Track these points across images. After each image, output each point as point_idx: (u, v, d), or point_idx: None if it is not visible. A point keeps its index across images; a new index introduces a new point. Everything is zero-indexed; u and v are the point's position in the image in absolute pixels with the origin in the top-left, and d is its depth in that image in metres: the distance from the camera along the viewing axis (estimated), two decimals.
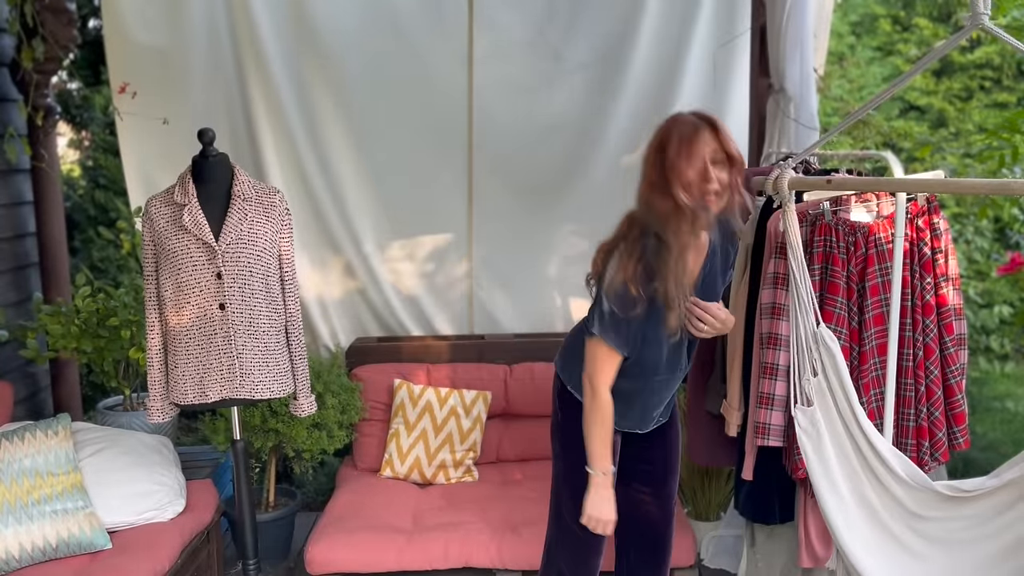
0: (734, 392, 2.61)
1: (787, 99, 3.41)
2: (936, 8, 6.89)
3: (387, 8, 3.78)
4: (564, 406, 2.36)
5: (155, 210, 2.55)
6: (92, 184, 5.57)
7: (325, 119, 3.84)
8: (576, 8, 3.83)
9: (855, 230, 2.30)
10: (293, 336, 2.68)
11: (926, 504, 1.90)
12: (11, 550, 2.50)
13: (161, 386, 2.60)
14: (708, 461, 3.03)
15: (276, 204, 2.61)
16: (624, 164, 3.98)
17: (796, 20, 3.35)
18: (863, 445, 1.96)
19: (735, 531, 3.24)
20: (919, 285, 2.33)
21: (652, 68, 3.89)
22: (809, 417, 2.02)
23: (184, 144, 3.71)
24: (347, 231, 3.93)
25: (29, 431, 2.70)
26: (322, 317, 3.99)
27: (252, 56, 3.72)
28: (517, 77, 3.85)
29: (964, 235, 6.28)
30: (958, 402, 2.39)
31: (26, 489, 2.59)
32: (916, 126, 6.54)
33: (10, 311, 3.64)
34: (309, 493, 4.09)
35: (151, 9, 3.66)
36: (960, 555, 1.86)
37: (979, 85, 6.72)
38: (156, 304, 2.58)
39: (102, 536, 2.64)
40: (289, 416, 3.28)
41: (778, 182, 2.09)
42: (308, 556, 2.96)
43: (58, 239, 3.77)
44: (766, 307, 2.37)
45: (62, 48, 3.50)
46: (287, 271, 2.65)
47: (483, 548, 2.94)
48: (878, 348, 2.29)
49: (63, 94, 5.35)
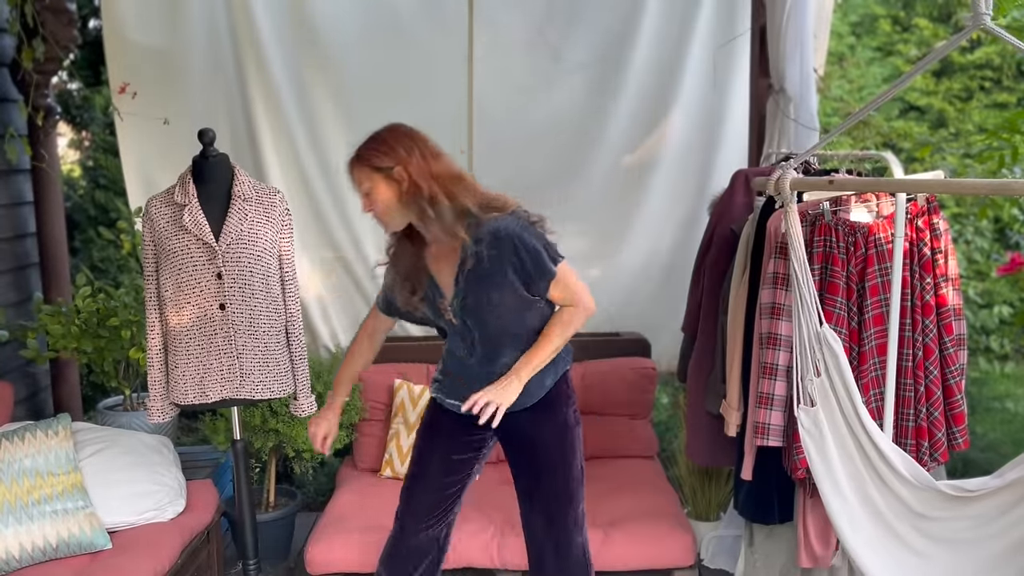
0: (733, 392, 2.61)
1: (787, 99, 3.41)
2: (936, 8, 6.89)
3: (387, 8, 3.78)
4: (563, 404, 2.37)
5: (155, 210, 2.55)
6: (92, 184, 5.57)
7: (325, 119, 3.84)
8: (576, 8, 3.83)
9: (855, 230, 2.30)
10: (293, 336, 2.68)
11: (930, 504, 1.90)
12: (11, 550, 2.51)
13: (161, 386, 2.60)
14: (708, 461, 3.03)
15: (276, 204, 2.61)
16: (624, 164, 3.99)
17: (796, 20, 3.35)
18: (867, 445, 1.96)
19: (735, 531, 3.24)
20: (919, 285, 2.33)
21: (652, 68, 3.89)
22: (812, 418, 2.02)
23: (184, 144, 3.70)
24: (347, 231, 3.93)
25: (29, 431, 2.71)
26: (322, 317, 3.99)
27: (252, 56, 3.72)
28: (517, 77, 3.85)
29: (964, 235, 6.28)
30: (958, 402, 2.39)
31: (26, 489, 2.59)
32: (916, 126, 6.53)
33: (10, 311, 3.64)
34: (309, 493, 4.09)
35: (151, 9, 3.67)
36: (964, 554, 1.87)
37: (979, 85, 6.72)
38: (156, 304, 2.58)
39: (102, 536, 2.64)
40: (289, 416, 3.28)
41: (780, 183, 2.10)
42: (308, 556, 2.96)
43: (58, 239, 3.77)
44: (766, 307, 2.37)
45: (62, 48, 3.50)
46: (287, 271, 2.65)
47: (483, 548, 2.94)
48: (878, 348, 2.30)
49: (63, 94, 5.35)
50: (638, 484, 3.40)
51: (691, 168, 3.98)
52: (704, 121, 3.97)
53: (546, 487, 2.37)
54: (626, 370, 3.74)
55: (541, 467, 2.37)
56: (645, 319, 4.05)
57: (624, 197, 4.01)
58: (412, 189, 2.15)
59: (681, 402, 3.78)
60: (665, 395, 4.95)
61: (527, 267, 2.17)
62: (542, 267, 2.19)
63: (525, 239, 2.16)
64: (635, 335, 3.96)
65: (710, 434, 2.88)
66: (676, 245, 4.01)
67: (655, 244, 4.04)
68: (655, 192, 4.00)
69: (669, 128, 3.95)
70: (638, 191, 3.99)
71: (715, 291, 2.86)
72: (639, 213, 4.01)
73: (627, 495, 3.29)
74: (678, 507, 3.24)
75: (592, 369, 3.74)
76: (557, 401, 2.35)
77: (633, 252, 4.04)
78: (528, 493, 2.41)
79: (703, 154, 3.98)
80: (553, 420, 2.35)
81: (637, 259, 4.05)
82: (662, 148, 3.97)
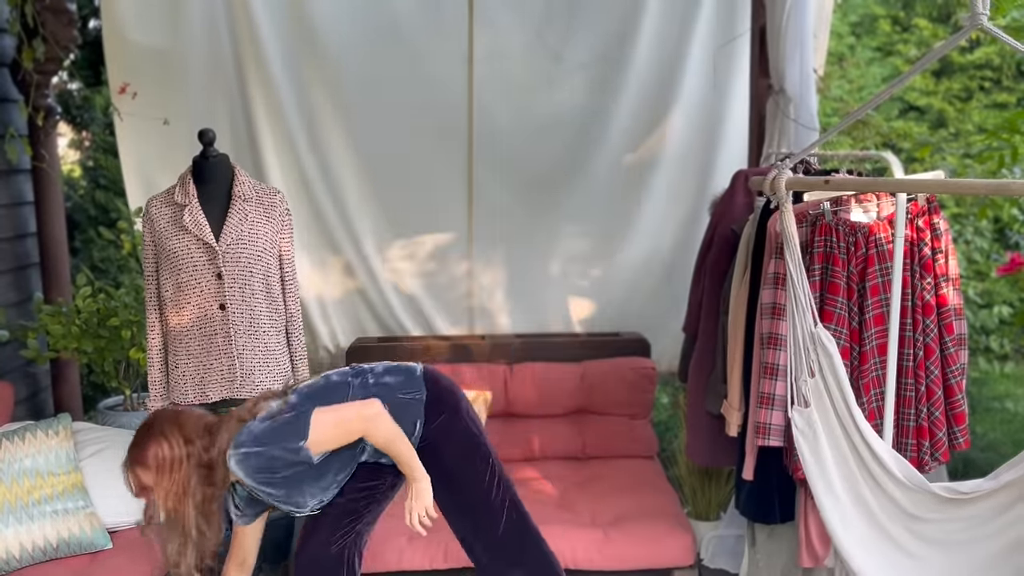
0: (734, 392, 2.61)
1: (787, 99, 3.41)
2: (936, 8, 6.89)
3: (387, 8, 3.78)
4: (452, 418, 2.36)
5: (155, 210, 2.55)
6: (92, 184, 5.57)
7: (325, 119, 3.84)
8: (576, 8, 3.83)
9: (855, 230, 2.30)
10: (293, 336, 2.68)
11: (923, 506, 1.90)
12: (11, 550, 2.51)
13: (161, 386, 2.60)
14: (708, 461, 3.03)
15: (276, 204, 2.61)
16: (624, 164, 3.99)
17: (796, 20, 3.35)
18: (860, 447, 1.95)
19: (735, 531, 3.24)
20: (919, 285, 2.33)
21: (652, 68, 3.89)
22: (806, 418, 2.02)
23: (183, 145, 3.71)
24: (347, 231, 3.93)
25: (30, 431, 2.71)
26: (322, 317, 3.99)
27: (252, 56, 3.72)
28: (517, 77, 3.86)
29: (964, 235, 6.28)
30: (958, 402, 2.39)
31: (27, 489, 2.60)
32: (916, 126, 6.54)
33: (11, 311, 3.64)
34: None
35: (151, 9, 3.67)
36: (957, 557, 1.86)
37: (979, 85, 6.72)
38: (156, 304, 2.58)
39: (102, 536, 2.64)
40: None
41: (775, 182, 2.09)
42: None
43: (59, 239, 3.77)
44: (766, 307, 2.37)
45: (62, 48, 3.50)
46: (287, 271, 2.65)
47: None
48: (878, 348, 2.30)
49: (63, 94, 5.34)
50: (638, 484, 3.40)
51: (691, 168, 3.99)
52: (704, 121, 3.97)
53: (462, 499, 2.36)
54: (626, 370, 3.74)
55: (451, 480, 2.34)
56: (645, 319, 4.06)
57: (624, 197, 4.01)
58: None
59: (681, 402, 3.78)
60: (665, 395, 4.95)
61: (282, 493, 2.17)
62: (299, 464, 2.13)
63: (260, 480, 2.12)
64: (635, 335, 3.96)
65: (710, 434, 2.88)
66: (676, 245, 4.01)
67: (655, 244, 4.04)
68: (655, 192, 4.00)
69: (669, 128, 3.95)
70: (638, 191, 4.00)
71: (716, 291, 2.86)
72: (639, 213, 4.01)
73: (627, 495, 3.29)
74: (678, 507, 3.24)
75: (592, 369, 3.75)
76: (444, 425, 2.33)
77: (633, 252, 4.05)
78: (450, 511, 2.39)
79: (703, 154, 3.98)
80: (452, 439, 2.33)
81: (637, 259, 4.05)
82: (662, 148, 3.97)
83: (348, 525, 2.29)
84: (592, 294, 4.09)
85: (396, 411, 2.23)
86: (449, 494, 2.34)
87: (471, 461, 2.34)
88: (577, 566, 2.96)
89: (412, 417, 2.28)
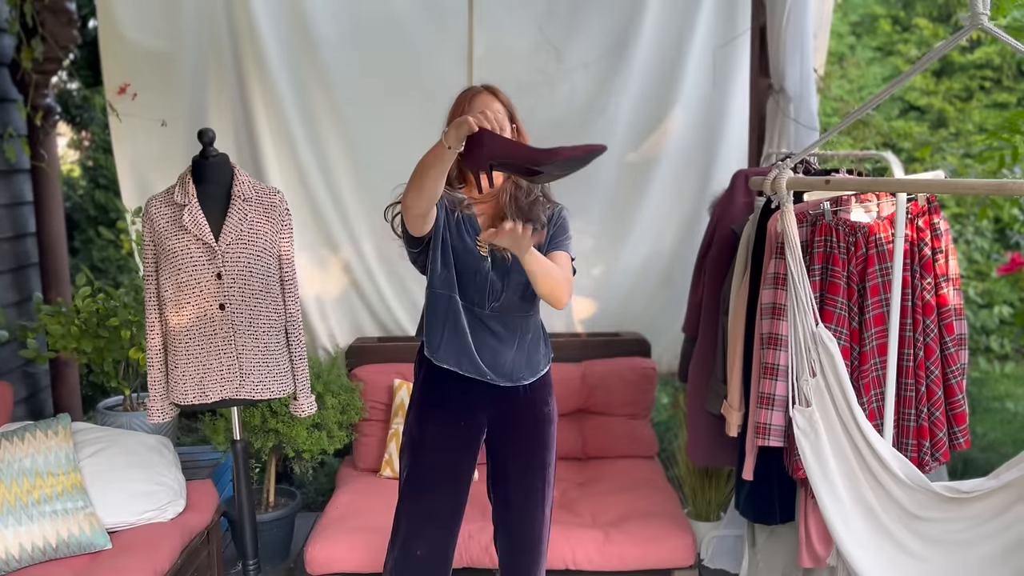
0: (734, 392, 2.61)
1: (787, 99, 3.41)
2: (936, 8, 6.89)
3: (387, 8, 3.78)
4: (549, 394, 2.41)
5: (155, 210, 2.55)
6: (92, 184, 5.57)
7: (324, 119, 3.84)
8: (576, 7, 3.83)
9: (855, 230, 2.30)
10: (293, 336, 2.68)
11: (925, 505, 1.90)
12: (11, 550, 2.50)
13: (161, 386, 2.60)
14: (708, 461, 3.03)
15: (276, 204, 2.61)
16: (625, 163, 3.99)
17: (796, 20, 3.35)
18: (862, 446, 1.96)
19: (735, 531, 3.24)
20: (919, 285, 2.33)
21: (652, 68, 3.89)
22: (807, 418, 2.02)
23: (180, 144, 3.71)
24: (346, 231, 3.93)
25: (29, 431, 2.70)
26: (320, 317, 3.99)
27: (252, 56, 3.72)
28: (518, 76, 3.85)
29: (964, 235, 6.28)
30: (959, 402, 2.39)
31: (26, 489, 2.59)
32: (916, 126, 6.53)
33: (10, 311, 3.64)
34: (309, 493, 4.09)
35: (148, 9, 3.66)
36: (958, 556, 1.87)
37: (979, 85, 6.72)
38: (156, 304, 2.58)
39: (102, 536, 2.64)
40: (289, 416, 3.28)
41: (776, 182, 2.09)
42: (308, 556, 2.96)
43: (58, 239, 3.77)
44: (767, 307, 2.37)
45: (62, 48, 3.50)
46: (287, 271, 2.65)
47: (483, 548, 2.94)
48: (878, 348, 2.29)
49: (63, 94, 5.34)
50: (638, 484, 3.40)
51: (692, 168, 3.99)
52: (704, 121, 3.97)
53: (525, 485, 2.38)
54: (626, 370, 3.74)
55: (521, 460, 2.37)
56: (645, 319, 4.06)
57: (625, 197, 4.01)
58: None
59: (681, 402, 3.78)
60: (665, 395, 4.96)
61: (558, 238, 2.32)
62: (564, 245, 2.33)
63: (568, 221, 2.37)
64: (635, 335, 3.96)
65: (710, 434, 2.88)
66: (677, 245, 4.01)
67: (656, 244, 4.04)
68: (656, 192, 4.00)
69: (670, 128, 3.95)
70: (639, 191, 3.99)
71: (716, 291, 2.86)
72: (640, 213, 4.01)
73: (627, 495, 3.29)
74: (678, 507, 3.24)
75: (592, 369, 3.74)
76: (544, 390, 2.40)
77: (634, 252, 4.04)
78: (504, 490, 2.41)
79: (704, 154, 3.98)
80: (540, 409, 2.38)
81: (638, 259, 4.05)
82: (662, 148, 3.97)
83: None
84: (592, 294, 4.09)
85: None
86: (519, 479, 2.37)
87: (549, 466, 2.40)
88: (577, 566, 2.96)
89: (548, 353, 2.42)
